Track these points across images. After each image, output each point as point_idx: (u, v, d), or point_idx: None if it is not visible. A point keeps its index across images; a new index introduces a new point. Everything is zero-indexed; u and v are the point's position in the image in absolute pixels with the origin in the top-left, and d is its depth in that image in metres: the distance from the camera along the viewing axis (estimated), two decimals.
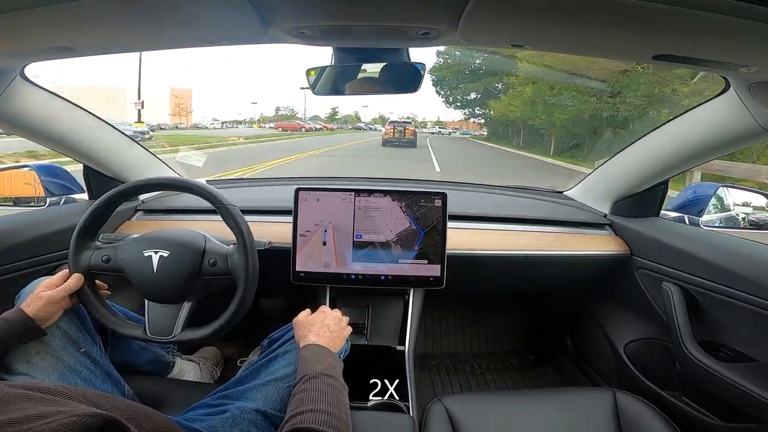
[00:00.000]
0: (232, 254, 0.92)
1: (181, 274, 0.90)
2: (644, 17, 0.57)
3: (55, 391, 0.51)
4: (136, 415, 0.61)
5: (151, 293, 0.91)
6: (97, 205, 0.93)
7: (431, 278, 1.20)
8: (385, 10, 0.66)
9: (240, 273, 0.90)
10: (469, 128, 58.30)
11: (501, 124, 26.89)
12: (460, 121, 68.14)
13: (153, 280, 0.89)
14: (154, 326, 0.91)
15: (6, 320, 0.78)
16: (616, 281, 1.40)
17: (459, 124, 67.51)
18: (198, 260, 0.91)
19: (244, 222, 0.92)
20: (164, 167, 1.56)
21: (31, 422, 0.38)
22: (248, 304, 0.91)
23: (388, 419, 0.87)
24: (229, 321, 0.91)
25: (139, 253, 0.91)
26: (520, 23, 0.66)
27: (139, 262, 0.90)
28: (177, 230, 0.98)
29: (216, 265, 0.91)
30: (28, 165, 1.44)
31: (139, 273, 0.90)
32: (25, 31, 0.68)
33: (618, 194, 1.40)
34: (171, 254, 0.90)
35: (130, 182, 0.97)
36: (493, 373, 1.76)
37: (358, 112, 74.55)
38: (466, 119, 50.67)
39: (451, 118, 79.39)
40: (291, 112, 55.25)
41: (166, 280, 0.90)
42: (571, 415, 0.95)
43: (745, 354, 1.03)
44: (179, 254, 0.90)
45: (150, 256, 0.90)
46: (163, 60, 79.55)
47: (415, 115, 77.30)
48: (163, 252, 0.90)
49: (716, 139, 1.04)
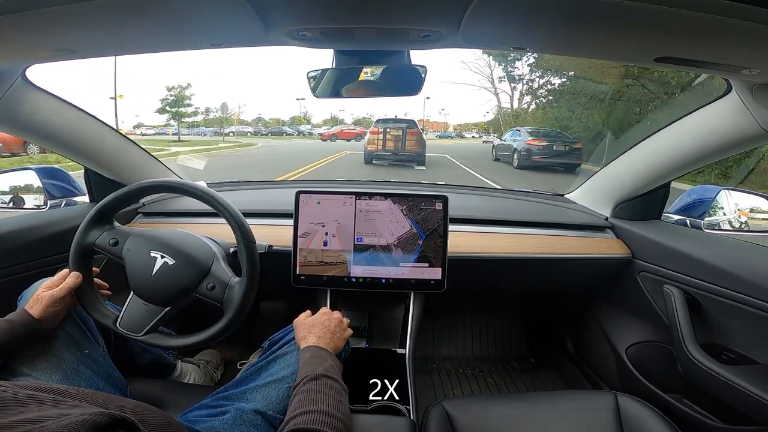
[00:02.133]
0: (233, 287, 0.90)
1: (177, 285, 0.89)
2: (646, 19, 0.57)
3: (65, 393, 0.52)
4: (143, 415, 0.61)
5: (140, 290, 0.91)
6: (126, 191, 0.93)
7: (432, 281, 1.20)
8: (386, 13, 0.66)
9: (231, 307, 0.89)
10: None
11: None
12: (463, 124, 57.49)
13: (148, 280, 0.89)
14: (127, 320, 0.91)
15: (10, 321, 0.78)
16: (618, 284, 1.40)
17: (469, 128, 55.76)
18: (198, 279, 0.90)
19: (256, 260, 0.91)
20: (165, 170, 1.57)
21: (42, 422, 0.38)
22: (225, 334, 0.90)
23: (388, 422, 0.87)
24: (200, 341, 0.90)
25: (146, 252, 0.90)
26: (521, 26, 0.66)
27: (142, 259, 0.90)
28: (191, 239, 0.97)
29: (213, 291, 0.90)
30: (28, 167, 1.44)
31: (138, 270, 0.90)
32: (27, 33, 0.68)
33: (619, 197, 1.40)
34: (175, 264, 0.90)
35: (157, 180, 0.97)
36: (494, 377, 1.76)
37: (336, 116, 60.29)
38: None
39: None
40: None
41: (161, 285, 0.89)
42: (573, 418, 0.95)
43: (747, 356, 1.03)
44: (183, 266, 0.90)
45: (155, 258, 0.90)
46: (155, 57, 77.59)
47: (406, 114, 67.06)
48: (168, 259, 0.90)
49: (718, 142, 1.04)
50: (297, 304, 1.26)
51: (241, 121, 42.15)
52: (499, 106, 27.86)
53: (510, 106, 26.32)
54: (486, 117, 39.47)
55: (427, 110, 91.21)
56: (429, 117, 58.57)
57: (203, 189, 0.92)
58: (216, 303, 0.90)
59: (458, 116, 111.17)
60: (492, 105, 37.34)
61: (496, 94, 27.62)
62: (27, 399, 0.43)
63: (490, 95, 33.29)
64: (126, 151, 1.37)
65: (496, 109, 28.26)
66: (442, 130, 51.86)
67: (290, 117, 47.86)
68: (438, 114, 71.69)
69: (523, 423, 0.94)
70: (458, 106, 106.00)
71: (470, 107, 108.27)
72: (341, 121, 42.59)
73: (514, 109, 25.90)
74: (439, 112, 77.76)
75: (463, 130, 54.09)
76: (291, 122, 44.30)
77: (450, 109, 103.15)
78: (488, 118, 40.47)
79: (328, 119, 48.21)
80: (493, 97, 33.09)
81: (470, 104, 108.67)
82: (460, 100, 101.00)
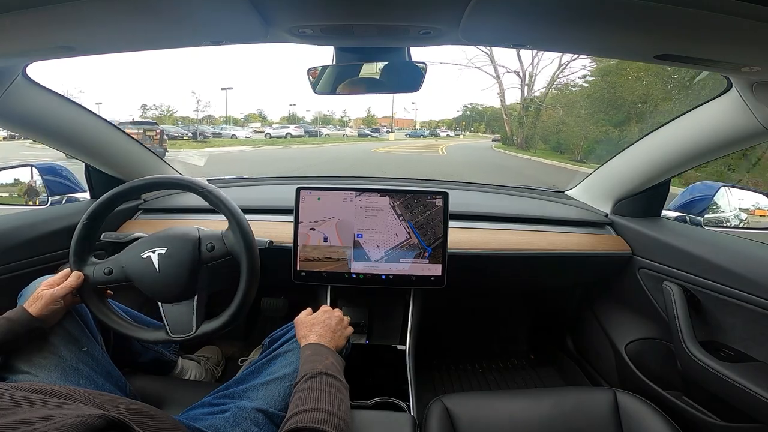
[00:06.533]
0: (226, 235, 0.92)
1: (184, 266, 0.89)
2: (646, 17, 0.57)
3: (60, 394, 0.51)
4: (142, 416, 0.61)
5: (160, 293, 0.91)
6: (87, 221, 0.93)
7: (432, 278, 1.20)
8: (386, 10, 0.66)
9: (240, 250, 0.90)
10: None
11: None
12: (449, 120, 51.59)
13: (158, 279, 0.89)
14: (174, 326, 0.91)
15: (9, 319, 0.78)
16: (618, 281, 1.40)
17: (385, 121, 50.74)
18: (196, 248, 0.91)
19: (234, 205, 0.92)
20: (165, 166, 1.57)
21: (35, 424, 0.38)
22: (257, 277, 0.91)
23: (388, 418, 0.87)
24: (243, 301, 0.90)
25: (138, 256, 0.90)
26: (521, 22, 0.66)
27: (140, 264, 0.90)
28: (169, 228, 0.97)
29: (214, 249, 0.91)
30: (30, 164, 1.44)
31: (144, 275, 0.90)
32: (27, 30, 0.68)
33: (619, 194, 1.40)
34: (168, 249, 0.90)
35: (126, 184, 0.95)
36: (494, 373, 1.76)
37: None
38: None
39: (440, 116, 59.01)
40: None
41: (171, 275, 0.89)
42: (572, 414, 0.95)
43: (746, 354, 1.03)
44: (176, 247, 0.90)
45: (149, 256, 0.90)
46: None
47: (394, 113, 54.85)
48: (160, 249, 0.90)
49: (718, 140, 1.04)
50: (297, 301, 1.26)
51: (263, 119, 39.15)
52: (501, 93, 20.81)
53: (523, 93, 19.31)
54: (455, 113, 37.24)
55: (395, 105, 76.37)
56: (396, 113, 53.11)
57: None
58: (226, 257, 0.91)
59: (426, 112, 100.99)
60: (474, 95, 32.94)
61: (497, 77, 20.06)
62: (18, 400, 0.43)
63: (484, 80, 29.07)
64: (126, 147, 1.37)
65: (498, 97, 21.28)
66: (410, 128, 47.20)
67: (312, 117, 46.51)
68: (403, 110, 64.69)
69: (523, 419, 0.95)
70: (429, 99, 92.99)
71: (441, 101, 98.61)
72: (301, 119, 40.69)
73: (526, 98, 19.07)
74: (405, 108, 69.34)
75: (431, 127, 50.09)
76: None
77: (420, 104, 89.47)
78: (453, 115, 38.41)
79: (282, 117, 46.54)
80: (490, 83, 27.09)
81: (442, 97, 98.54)
82: (433, 92, 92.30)
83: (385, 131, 37.61)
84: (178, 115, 30.87)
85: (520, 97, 19.58)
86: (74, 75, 64.72)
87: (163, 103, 28.79)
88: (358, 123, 49.90)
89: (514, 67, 19.05)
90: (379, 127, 43.17)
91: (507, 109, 21.04)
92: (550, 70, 18.29)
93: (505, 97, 20.66)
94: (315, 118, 37.33)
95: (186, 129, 23.69)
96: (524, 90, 19.28)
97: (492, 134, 37.08)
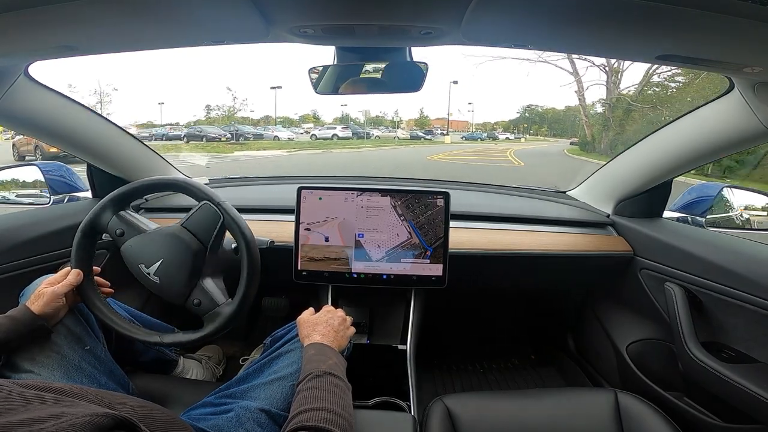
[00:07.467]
0: (203, 208, 0.92)
1: (184, 269, 0.89)
2: (648, 17, 0.57)
3: (68, 392, 0.51)
4: (149, 415, 0.61)
5: (175, 299, 0.91)
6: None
7: (433, 278, 1.20)
8: (387, 10, 0.66)
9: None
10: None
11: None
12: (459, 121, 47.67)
13: (162, 288, 0.90)
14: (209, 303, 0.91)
15: (12, 318, 0.78)
16: (619, 281, 1.40)
17: (439, 123, 46.94)
18: (189, 247, 0.90)
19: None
20: (168, 166, 1.57)
21: (43, 423, 0.38)
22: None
23: (389, 418, 0.87)
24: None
25: (135, 267, 0.91)
26: (523, 22, 0.66)
27: (144, 280, 0.91)
28: (155, 233, 0.95)
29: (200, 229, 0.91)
30: (32, 163, 1.45)
31: (151, 287, 0.90)
32: (28, 30, 0.68)
33: (621, 194, 1.40)
34: (164, 259, 0.90)
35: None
36: (495, 373, 1.76)
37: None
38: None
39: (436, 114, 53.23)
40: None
41: (174, 282, 0.89)
42: (573, 415, 0.95)
43: (748, 355, 1.03)
44: (172, 253, 0.90)
45: (148, 273, 0.90)
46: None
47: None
48: (155, 267, 0.90)
49: (720, 140, 1.03)
50: (298, 300, 1.26)
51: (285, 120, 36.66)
52: (580, 90, 17.07)
53: (609, 90, 15.84)
54: (511, 115, 34.22)
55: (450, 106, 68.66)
56: (451, 114, 48.14)
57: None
58: (215, 230, 0.91)
59: (481, 113, 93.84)
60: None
61: (575, 72, 16.42)
62: (27, 398, 0.43)
63: (560, 77, 24.06)
64: (128, 146, 1.37)
65: (576, 95, 17.60)
66: (465, 130, 43.18)
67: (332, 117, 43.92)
68: (457, 111, 59.10)
69: (524, 420, 0.95)
70: (486, 97, 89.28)
71: (497, 102, 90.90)
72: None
73: (613, 97, 15.80)
74: (458, 110, 64.19)
75: (487, 129, 45.92)
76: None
77: (477, 103, 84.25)
78: (509, 117, 35.78)
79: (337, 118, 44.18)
80: (566, 80, 21.38)
81: (498, 97, 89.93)
82: (490, 92, 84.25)
83: (439, 133, 35.05)
84: (239, 116, 30.14)
85: (606, 95, 16.48)
86: (134, 72, 64.16)
87: (225, 104, 28.10)
88: (410, 124, 47.41)
89: (599, 61, 15.54)
90: (432, 129, 40.20)
91: (587, 110, 17.65)
92: (643, 65, 14.71)
93: (584, 96, 17.49)
94: (366, 119, 35.86)
95: (226, 130, 22.73)
96: (610, 87, 16.23)
97: (553, 137, 34.93)
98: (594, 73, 21.75)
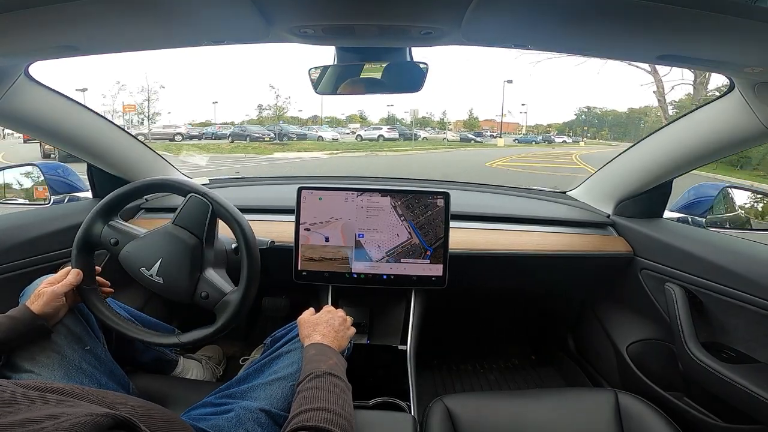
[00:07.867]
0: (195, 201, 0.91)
1: (184, 267, 0.89)
2: (649, 17, 0.57)
3: (68, 392, 0.51)
4: (149, 415, 0.61)
5: (182, 298, 0.91)
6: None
7: (433, 278, 1.20)
8: (387, 10, 0.66)
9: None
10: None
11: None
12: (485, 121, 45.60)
13: (165, 288, 0.89)
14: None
15: (12, 317, 0.78)
16: (619, 282, 1.40)
17: (488, 124, 43.62)
18: (187, 246, 0.90)
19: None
20: (168, 166, 1.57)
21: (43, 422, 0.38)
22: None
23: (389, 418, 0.87)
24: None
25: (136, 270, 0.90)
26: (523, 23, 0.66)
27: (146, 282, 0.91)
28: (150, 235, 0.95)
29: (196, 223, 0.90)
30: (32, 163, 1.45)
31: (154, 288, 0.90)
32: (29, 29, 0.68)
33: (621, 195, 1.40)
34: (162, 260, 0.89)
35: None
36: (495, 373, 1.76)
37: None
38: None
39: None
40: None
41: (175, 277, 0.89)
42: (573, 415, 0.95)
43: (748, 355, 1.03)
44: (170, 253, 0.90)
45: (150, 275, 0.90)
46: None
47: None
48: (155, 269, 0.89)
49: (720, 140, 1.03)
50: (299, 300, 1.26)
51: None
52: (659, 91, 14.21)
53: (696, 91, 13.43)
54: (566, 117, 31.20)
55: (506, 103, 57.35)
56: (505, 114, 41.83)
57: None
58: (210, 218, 0.90)
59: (533, 115, 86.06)
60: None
61: (655, 71, 13.68)
62: (27, 398, 0.43)
63: (632, 76, 21.10)
64: (128, 147, 1.37)
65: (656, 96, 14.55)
66: (516, 132, 41.11)
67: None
68: (508, 112, 52.66)
69: (524, 420, 0.95)
70: (539, 97, 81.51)
71: (550, 102, 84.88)
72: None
73: (704, 96, 12.82)
74: (509, 111, 56.77)
75: (540, 132, 43.21)
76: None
77: (531, 104, 76.37)
78: (564, 119, 32.68)
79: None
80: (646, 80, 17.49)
81: (552, 98, 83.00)
82: (543, 92, 76.31)
83: (490, 135, 33.00)
84: (288, 116, 29.56)
85: (693, 96, 14.22)
86: (185, 70, 63.94)
87: (276, 103, 27.56)
88: (459, 126, 45.31)
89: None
90: (482, 130, 37.96)
91: (667, 112, 15.28)
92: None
93: (665, 97, 15.01)
94: (413, 119, 32.96)
95: (270, 129, 22.31)
96: (698, 87, 14.22)
97: (615, 141, 32.39)
98: (676, 72, 19.26)
